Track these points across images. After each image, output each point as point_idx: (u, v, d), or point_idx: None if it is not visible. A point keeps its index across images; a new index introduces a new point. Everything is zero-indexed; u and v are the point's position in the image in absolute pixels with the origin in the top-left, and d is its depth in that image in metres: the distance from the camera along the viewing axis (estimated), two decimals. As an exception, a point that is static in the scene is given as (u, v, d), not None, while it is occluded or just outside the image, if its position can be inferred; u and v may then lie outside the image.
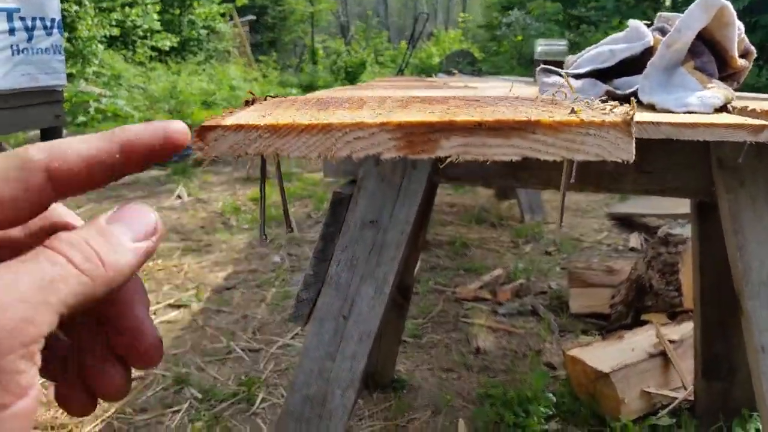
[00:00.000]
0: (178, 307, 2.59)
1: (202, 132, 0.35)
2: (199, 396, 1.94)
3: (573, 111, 0.37)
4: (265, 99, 0.50)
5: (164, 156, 0.30)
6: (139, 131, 0.30)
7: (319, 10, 20.42)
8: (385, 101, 0.47)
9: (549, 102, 0.44)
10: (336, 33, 25.00)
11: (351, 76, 14.49)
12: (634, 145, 0.35)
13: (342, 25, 25.99)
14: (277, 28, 19.52)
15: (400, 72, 10.48)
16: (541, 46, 2.10)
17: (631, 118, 0.35)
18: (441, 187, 4.68)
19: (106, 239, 0.27)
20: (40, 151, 0.27)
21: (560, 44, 2.11)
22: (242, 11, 16.72)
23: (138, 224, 0.28)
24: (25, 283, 0.24)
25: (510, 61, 10.59)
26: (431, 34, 19.90)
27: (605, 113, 0.36)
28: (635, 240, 3.49)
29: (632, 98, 0.39)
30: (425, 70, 12.61)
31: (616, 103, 0.39)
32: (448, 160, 0.35)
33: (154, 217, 0.29)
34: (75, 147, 0.28)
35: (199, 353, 2.21)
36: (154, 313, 2.49)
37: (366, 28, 21.79)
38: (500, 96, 0.52)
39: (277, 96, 0.52)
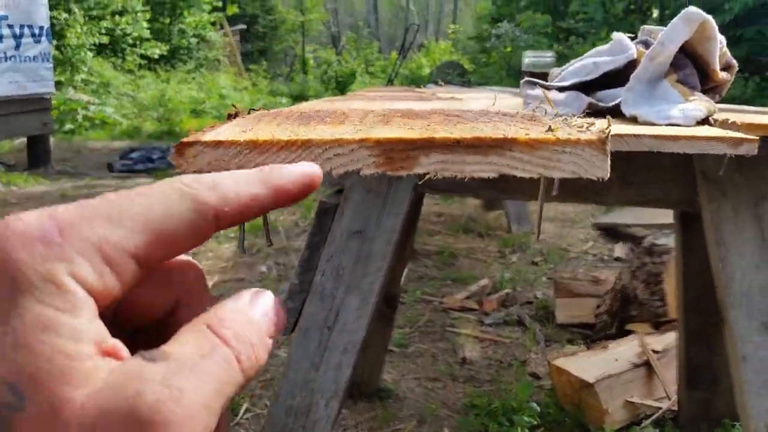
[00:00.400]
0: (164, 316, 2.58)
1: (181, 148, 0.35)
2: (185, 406, 1.92)
3: (550, 128, 0.37)
4: (249, 112, 0.50)
5: (300, 199, 0.30)
6: (291, 178, 0.29)
7: (309, 19, 20.49)
8: (367, 116, 0.48)
9: (528, 118, 0.45)
10: (327, 43, 25.06)
11: (341, 86, 14.52)
12: (609, 162, 0.35)
13: (333, 36, 26.07)
14: (268, 38, 19.56)
15: (390, 82, 10.51)
16: (529, 58, 2.12)
17: (607, 137, 0.35)
18: (429, 197, 4.69)
19: (258, 335, 0.26)
20: (211, 194, 0.26)
21: (547, 56, 2.13)
22: (233, 20, 16.74)
23: (276, 319, 0.27)
24: (209, 388, 0.23)
25: (499, 72, 10.66)
26: (422, 45, 20.00)
27: (581, 131, 0.37)
28: (621, 250, 3.51)
29: (608, 116, 0.40)
30: (415, 81, 12.66)
31: (592, 120, 0.40)
32: (427, 176, 0.36)
33: (284, 312, 0.28)
34: (238, 191, 0.27)
35: (185, 363, 2.20)
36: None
37: (357, 39, 21.88)
38: (481, 111, 0.52)
39: (262, 108, 0.52)
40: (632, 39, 1.06)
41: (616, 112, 0.92)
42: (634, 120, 0.86)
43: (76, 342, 0.21)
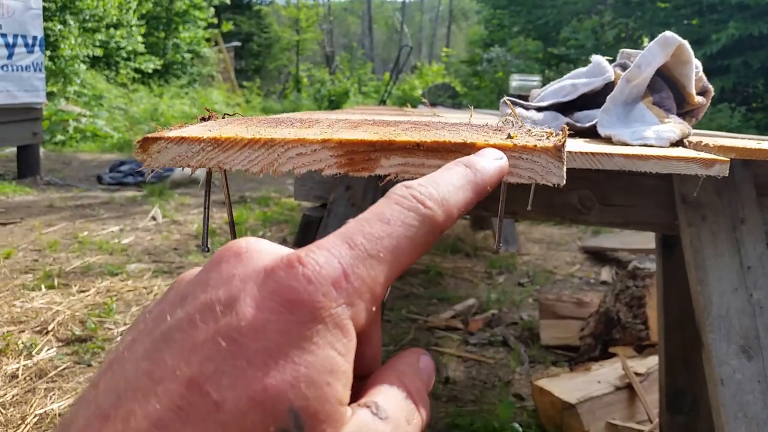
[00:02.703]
0: (147, 329, 2.55)
1: (145, 143, 0.36)
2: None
3: (509, 136, 0.38)
4: (223, 117, 0.51)
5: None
6: (491, 178, 0.31)
7: (304, 39, 20.65)
8: (337, 122, 0.48)
9: (494, 129, 0.46)
10: (321, 62, 25.23)
11: (334, 105, 14.59)
12: (564, 169, 0.36)
13: (327, 55, 26.24)
14: (263, 56, 19.69)
15: (383, 102, 10.58)
16: (516, 81, 2.14)
17: (563, 145, 0.36)
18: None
19: (427, 403, 0.29)
20: (442, 213, 0.28)
21: (534, 80, 2.16)
22: (228, 37, 16.85)
23: (433, 377, 0.30)
24: None
25: (490, 96, 10.76)
26: (415, 66, 20.17)
27: (539, 139, 0.38)
28: (607, 273, 3.53)
29: (564, 125, 0.41)
30: (407, 101, 12.75)
31: (552, 130, 0.41)
32: (387, 178, 0.36)
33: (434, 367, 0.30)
34: (458, 204, 0.29)
35: (166, 376, 2.18)
36: (121, 335, 2.46)
37: (351, 59, 22.03)
38: (452, 123, 0.54)
39: (235, 114, 0.53)
40: (611, 62, 1.08)
41: (593, 133, 0.94)
42: (609, 140, 0.87)
43: (345, 388, 0.24)
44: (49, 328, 2.44)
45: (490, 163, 0.32)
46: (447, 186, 0.29)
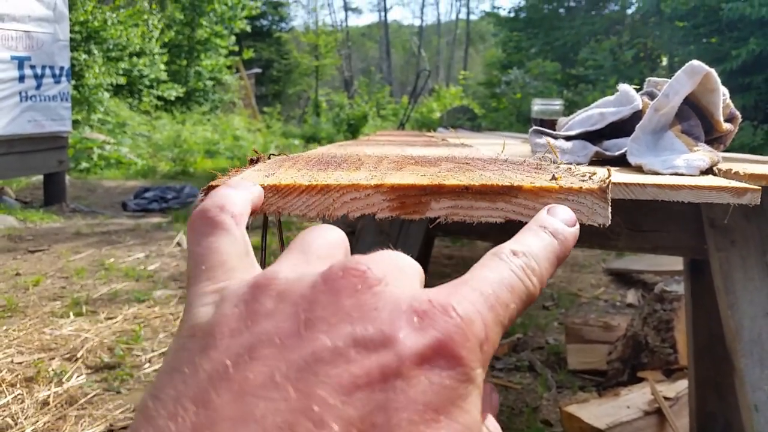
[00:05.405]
0: (174, 355, 2.57)
1: (210, 191, 0.38)
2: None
3: (554, 177, 0.39)
4: (269, 157, 0.53)
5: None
6: (570, 246, 0.32)
7: (323, 64, 20.92)
8: (381, 162, 0.50)
9: (534, 167, 0.47)
10: (339, 87, 25.50)
11: (353, 129, 14.71)
12: (609, 210, 0.37)
13: (346, 80, 26.54)
14: (282, 81, 19.97)
15: (401, 126, 10.63)
16: (538, 105, 2.16)
17: (607, 186, 0.37)
18: (439, 240, 4.71)
19: None
20: (539, 289, 0.28)
21: (556, 104, 2.17)
22: (248, 64, 17.12)
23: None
24: None
25: (509, 118, 10.78)
26: (432, 89, 20.30)
27: (583, 180, 0.39)
28: (632, 296, 3.49)
29: (608, 167, 0.42)
30: (426, 124, 12.82)
31: (594, 170, 0.42)
32: (438, 220, 0.38)
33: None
34: (546, 278, 0.29)
35: (193, 403, 2.19)
36: (149, 361, 2.49)
37: (369, 83, 22.24)
38: (490, 158, 0.55)
39: (280, 154, 0.55)
40: (637, 90, 1.09)
41: (622, 161, 0.95)
42: (639, 169, 0.88)
43: None
44: (78, 355, 2.47)
45: (572, 234, 0.32)
46: (544, 261, 0.29)
